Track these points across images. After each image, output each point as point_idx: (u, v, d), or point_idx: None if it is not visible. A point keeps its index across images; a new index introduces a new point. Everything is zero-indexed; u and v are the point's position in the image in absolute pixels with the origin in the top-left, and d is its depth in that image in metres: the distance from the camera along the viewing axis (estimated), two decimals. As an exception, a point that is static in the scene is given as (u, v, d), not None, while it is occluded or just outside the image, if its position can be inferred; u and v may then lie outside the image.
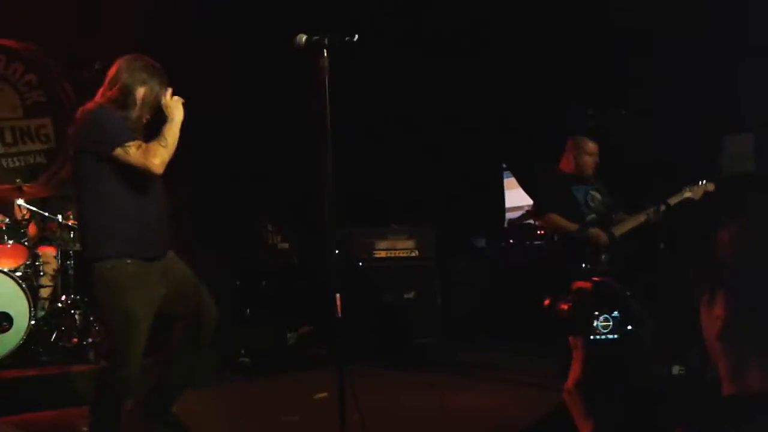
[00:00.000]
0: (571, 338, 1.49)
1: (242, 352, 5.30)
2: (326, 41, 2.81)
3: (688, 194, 4.37)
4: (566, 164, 4.62)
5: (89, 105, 3.04)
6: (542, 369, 4.77)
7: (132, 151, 2.82)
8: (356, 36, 2.76)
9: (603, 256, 4.35)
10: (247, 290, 6.26)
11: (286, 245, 6.58)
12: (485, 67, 6.39)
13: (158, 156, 2.83)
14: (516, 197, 7.41)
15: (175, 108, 2.99)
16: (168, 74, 3.06)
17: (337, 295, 2.67)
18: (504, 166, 7.39)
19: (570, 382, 1.40)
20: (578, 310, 1.43)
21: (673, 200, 4.37)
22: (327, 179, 2.83)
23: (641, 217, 4.41)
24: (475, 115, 6.66)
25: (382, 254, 5.99)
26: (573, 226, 4.42)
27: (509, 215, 7.52)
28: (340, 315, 2.72)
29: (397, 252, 6.01)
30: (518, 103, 6.39)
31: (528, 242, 6.56)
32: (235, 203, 6.32)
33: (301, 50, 2.82)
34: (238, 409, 4.13)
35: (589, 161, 4.59)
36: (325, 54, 2.83)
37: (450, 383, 4.76)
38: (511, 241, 6.82)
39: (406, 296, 5.84)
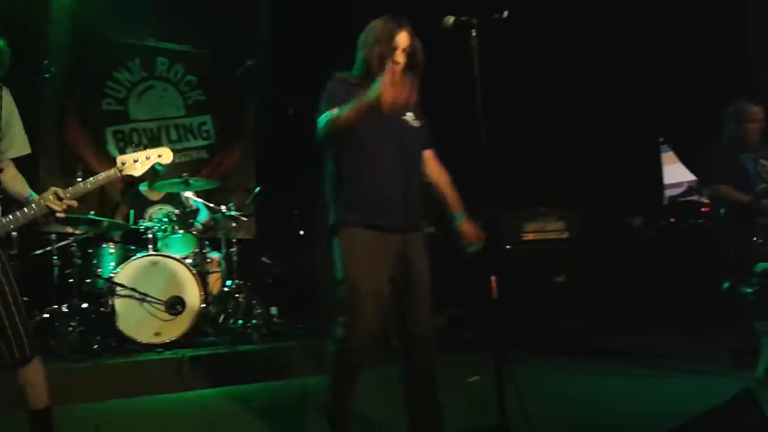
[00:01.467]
0: (757, 324, 1.36)
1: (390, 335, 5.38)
2: (474, 21, 2.72)
3: None
4: (730, 133, 4.28)
5: None
6: (708, 357, 4.47)
7: (324, 118, 2.68)
8: (505, 13, 2.65)
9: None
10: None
11: (431, 228, 6.60)
12: (637, 38, 6.01)
13: (330, 123, 2.63)
14: (675, 173, 6.94)
15: (392, 75, 2.50)
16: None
17: (493, 278, 2.60)
18: (661, 140, 6.94)
19: (762, 370, 1.28)
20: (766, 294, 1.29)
21: None
22: (480, 161, 2.77)
23: None
24: (629, 88, 6.29)
25: (531, 236, 5.86)
26: (745, 198, 4.16)
27: (668, 192, 7.06)
28: (495, 298, 2.62)
29: (547, 234, 5.84)
30: (675, 73, 5.97)
31: (691, 220, 6.12)
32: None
33: (450, 31, 2.77)
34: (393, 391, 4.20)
35: (754, 128, 4.25)
36: (474, 34, 2.76)
37: (606, 369, 4.56)
38: (671, 219, 6.38)
39: (556, 279, 5.67)
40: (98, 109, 6.65)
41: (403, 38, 2.70)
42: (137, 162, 2.97)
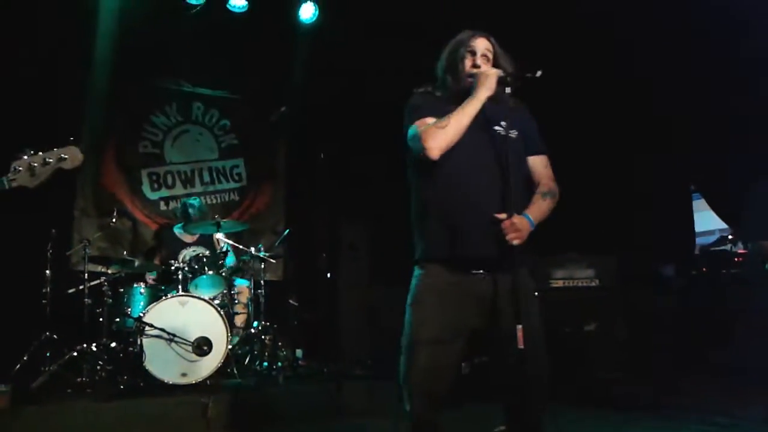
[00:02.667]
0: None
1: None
2: (508, 80, 2.44)
3: None
4: None
5: None
6: (741, 410, 4.32)
7: (413, 128, 2.43)
8: (539, 73, 2.40)
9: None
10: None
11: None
12: (669, 82, 6.00)
13: (432, 136, 2.35)
14: (706, 221, 6.82)
15: (484, 79, 2.40)
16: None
17: (519, 327, 2.51)
18: (692, 188, 6.85)
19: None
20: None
21: None
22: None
23: None
24: (659, 134, 6.25)
25: (560, 283, 5.78)
26: None
27: (699, 240, 6.94)
28: (522, 347, 2.37)
29: (576, 281, 5.76)
30: (706, 119, 5.92)
31: (724, 270, 5.98)
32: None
33: None
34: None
35: None
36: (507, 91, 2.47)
37: (640, 422, 4.43)
38: (703, 269, 6.26)
39: (586, 328, 5.57)
40: (135, 151, 6.83)
41: (480, 43, 2.53)
42: (33, 169, 2.42)
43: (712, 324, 5.61)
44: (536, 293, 2.45)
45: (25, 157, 2.42)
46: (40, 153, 2.45)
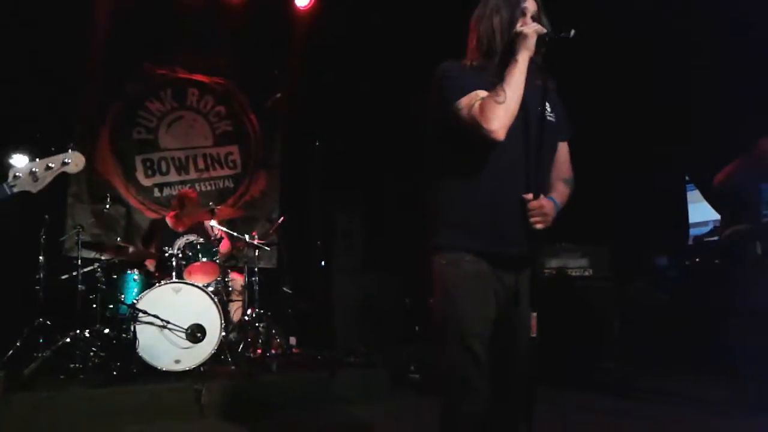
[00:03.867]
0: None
1: (412, 368, 5.34)
2: (546, 39, 2.22)
3: None
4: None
5: None
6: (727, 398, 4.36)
7: (462, 107, 2.15)
8: (572, 32, 2.15)
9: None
10: (417, 306, 6.34)
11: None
12: (665, 72, 5.99)
13: (492, 114, 2.09)
14: (700, 211, 6.84)
15: (523, 40, 2.17)
16: None
17: (533, 314, 2.23)
18: (687, 178, 6.87)
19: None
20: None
21: None
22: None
23: None
24: (655, 124, 6.25)
25: (553, 273, 5.79)
26: None
27: (693, 231, 6.95)
28: (534, 335, 2.23)
29: (569, 271, 5.77)
30: (702, 109, 5.92)
31: (716, 261, 6.01)
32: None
33: None
34: (411, 426, 4.16)
35: None
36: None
37: (630, 411, 4.47)
38: (696, 259, 6.28)
39: (577, 318, 5.58)
40: (129, 137, 6.80)
41: (531, 3, 2.27)
42: (35, 174, 2.42)
43: (706, 314, 5.64)
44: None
45: (24, 159, 2.43)
46: (40, 159, 2.44)
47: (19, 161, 2.47)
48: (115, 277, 5.10)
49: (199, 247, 5.28)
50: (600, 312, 5.53)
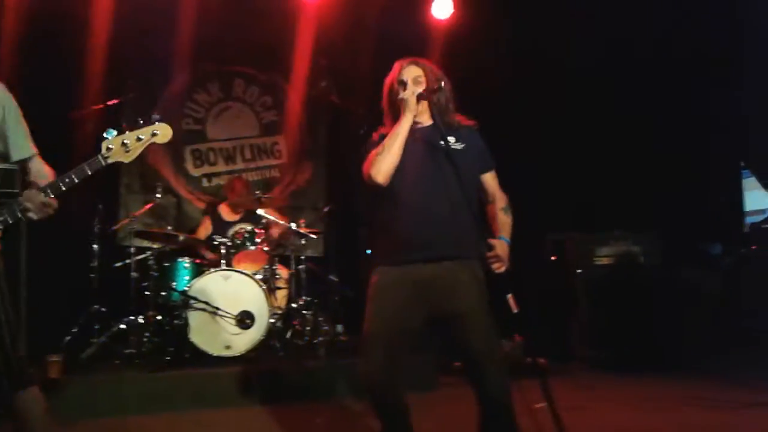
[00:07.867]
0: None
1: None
2: (423, 95, 2.70)
3: None
4: None
5: None
6: None
7: (364, 166, 2.70)
8: (442, 83, 2.73)
9: None
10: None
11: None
12: (719, 60, 5.82)
13: (372, 166, 2.62)
14: (757, 199, 6.62)
15: (404, 104, 2.66)
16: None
17: (509, 296, 2.52)
18: (742, 164, 6.65)
19: None
20: None
21: None
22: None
23: None
24: (711, 110, 6.07)
25: (604, 261, 5.70)
26: None
27: (749, 219, 6.74)
28: (516, 311, 2.54)
29: (621, 258, 5.66)
30: (759, 96, 5.73)
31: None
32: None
33: None
34: (455, 413, 4.14)
35: None
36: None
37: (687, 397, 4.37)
38: (753, 247, 6.08)
39: (630, 306, 5.48)
40: (178, 128, 6.90)
41: (409, 71, 2.75)
42: (126, 145, 2.56)
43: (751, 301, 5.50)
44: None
45: (114, 133, 2.52)
46: (129, 131, 2.57)
47: (111, 134, 2.53)
48: (166, 265, 5.20)
49: (247, 235, 5.35)
50: (651, 299, 5.43)
